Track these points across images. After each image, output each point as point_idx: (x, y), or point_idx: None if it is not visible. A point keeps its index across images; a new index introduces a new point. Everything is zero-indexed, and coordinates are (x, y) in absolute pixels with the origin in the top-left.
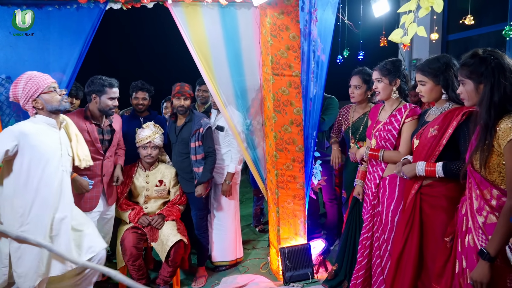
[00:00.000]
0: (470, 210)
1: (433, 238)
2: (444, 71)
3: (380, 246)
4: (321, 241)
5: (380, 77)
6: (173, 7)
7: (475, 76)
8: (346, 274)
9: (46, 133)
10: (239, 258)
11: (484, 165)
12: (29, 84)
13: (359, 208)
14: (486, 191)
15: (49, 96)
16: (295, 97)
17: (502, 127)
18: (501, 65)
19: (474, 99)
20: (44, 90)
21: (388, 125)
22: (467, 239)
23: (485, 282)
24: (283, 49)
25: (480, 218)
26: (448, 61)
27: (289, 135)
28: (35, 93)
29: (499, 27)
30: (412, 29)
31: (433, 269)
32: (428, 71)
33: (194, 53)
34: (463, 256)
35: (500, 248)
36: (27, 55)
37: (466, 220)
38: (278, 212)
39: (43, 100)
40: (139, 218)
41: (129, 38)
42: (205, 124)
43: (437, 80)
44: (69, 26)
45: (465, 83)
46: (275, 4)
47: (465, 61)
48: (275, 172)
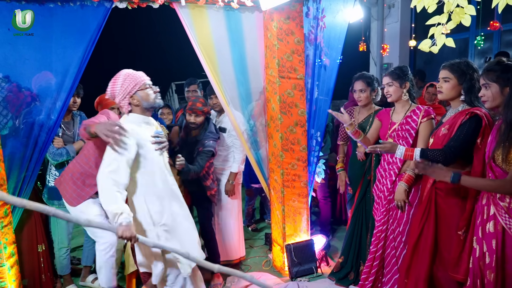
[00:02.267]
0: (492, 199)
1: (447, 230)
2: (471, 74)
3: (395, 238)
4: (322, 236)
5: (391, 81)
6: (180, 8)
7: (501, 80)
8: (352, 266)
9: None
10: (242, 257)
11: (506, 159)
12: (127, 81)
13: (365, 204)
14: None
15: (144, 93)
16: (299, 99)
17: None
18: None
19: (498, 100)
20: (140, 87)
21: (405, 125)
22: (488, 226)
23: None
24: (289, 53)
25: (504, 203)
26: (474, 66)
27: (294, 136)
28: (133, 90)
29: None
30: (441, 39)
31: (448, 260)
32: (456, 70)
33: (200, 54)
34: (484, 241)
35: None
36: (28, 54)
37: (488, 209)
38: (284, 210)
39: (140, 97)
40: None
41: (130, 38)
42: (207, 145)
43: (462, 79)
44: (73, 25)
45: (490, 86)
46: (281, 9)
47: (491, 67)
48: (280, 171)
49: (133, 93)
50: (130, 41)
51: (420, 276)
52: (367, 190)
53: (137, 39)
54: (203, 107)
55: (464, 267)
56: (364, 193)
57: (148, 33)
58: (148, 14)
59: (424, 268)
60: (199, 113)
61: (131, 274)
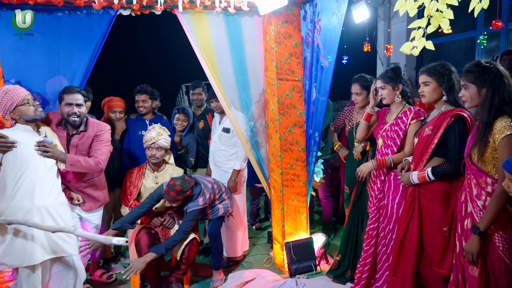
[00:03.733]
0: (469, 196)
1: (431, 228)
2: (448, 74)
3: (386, 235)
4: (321, 235)
5: (383, 84)
6: (181, 14)
7: (478, 81)
8: (349, 264)
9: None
10: (245, 251)
11: (481, 158)
12: (5, 98)
13: (361, 203)
14: (482, 180)
15: (24, 108)
16: (297, 100)
17: (497, 126)
18: (500, 73)
19: (476, 101)
20: (19, 103)
21: (394, 126)
22: (466, 223)
23: (475, 252)
24: (287, 56)
25: (480, 202)
26: (450, 67)
27: (292, 136)
28: (11, 106)
29: (469, 35)
30: (421, 43)
31: (432, 256)
32: (434, 73)
33: (201, 58)
34: (462, 237)
35: (489, 225)
36: (38, 60)
37: (465, 206)
38: (283, 208)
39: (19, 112)
40: (150, 218)
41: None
42: (188, 208)
43: (441, 81)
44: (79, 32)
45: (468, 87)
46: (279, 14)
47: (470, 69)
48: (279, 171)
49: (12, 108)
50: (139, 45)
51: (407, 273)
52: (363, 189)
53: (145, 43)
54: (177, 195)
55: (448, 262)
56: (360, 193)
57: (155, 37)
58: (154, 20)
59: (410, 265)
60: (172, 202)
61: None
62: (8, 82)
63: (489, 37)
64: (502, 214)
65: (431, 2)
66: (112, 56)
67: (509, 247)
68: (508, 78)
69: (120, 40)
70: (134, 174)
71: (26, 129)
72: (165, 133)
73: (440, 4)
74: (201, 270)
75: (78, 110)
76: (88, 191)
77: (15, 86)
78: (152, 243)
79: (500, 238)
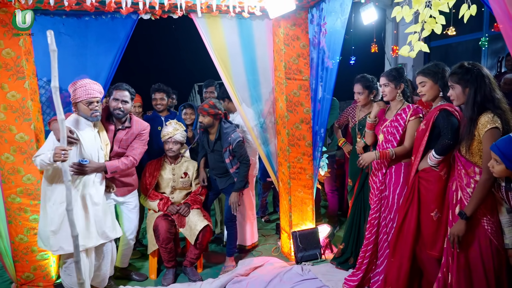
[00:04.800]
0: (460, 185)
1: (427, 213)
2: (441, 72)
3: (387, 224)
4: (327, 226)
5: (387, 82)
6: (196, 18)
7: (462, 82)
8: (352, 252)
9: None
10: (254, 243)
11: (468, 150)
12: (77, 90)
13: (364, 195)
14: (470, 170)
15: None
16: (304, 98)
17: (482, 121)
18: (481, 74)
19: (461, 99)
20: (83, 101)
21: (394, 122)
22: (456, 210)
23: (460, 235)
24: (295, 56)
25: (469, 189)
26: (444, 66)
27: (299, 132)
28: (77, 99)
29: (475, 36)
30: (417, 46)
31: (427, 239)
32: (428, 72)
33: (215, 59)
34: (453, 223)
35: (474, 210)
36: (68, 60)
37: (456, 194)
38: (290, 200)
39: (79, 107)
40: (167, 207)
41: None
42: (233, 140)
43: (435, 79)
44: (105, 35)
45: (454, 87)
46: (288, 17)
47: (454, 71)
48: (287, 164)
49: (77, 102)
50: (153, 47)
51: (404, 255)
52: (365, 182)
53: (159, 44)
54: (209, 108)
55: (440, 245)
56: (363, 185)
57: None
58: (168, 23)
59: (407, 248)
60: (204, 114)
61: (153, 252)
62: (41, 81)
63: (495, 39)
64: (489, 199)
65: (424, 9)
66: (127, 57)
67: (496, 229)
68: (489, 78)
69: (135, 42)
70: (153, 166)
71: (87, 123)
72: (181, 128)
73: (433, 11)
74: (213, 257)
75: (123, 106)
76: (121, 179)
77: (92, 85)
78: (169, 229)
79: (488, 221)
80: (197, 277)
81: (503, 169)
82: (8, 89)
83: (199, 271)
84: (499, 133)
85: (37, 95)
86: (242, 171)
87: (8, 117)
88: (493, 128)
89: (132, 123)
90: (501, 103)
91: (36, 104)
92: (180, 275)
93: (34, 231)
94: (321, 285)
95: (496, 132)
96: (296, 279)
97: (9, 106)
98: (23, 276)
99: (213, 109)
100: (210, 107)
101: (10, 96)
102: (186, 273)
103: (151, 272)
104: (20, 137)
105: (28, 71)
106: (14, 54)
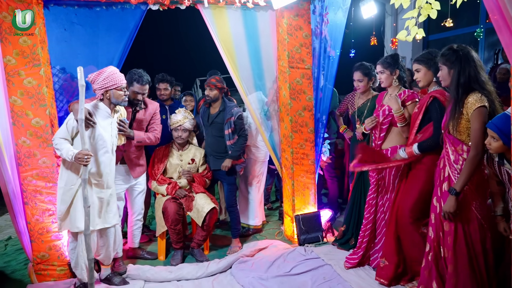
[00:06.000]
0: (448, 162)
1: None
2: (433, 59)
3: (384, 204)
4: (328, 210)
5: (382, 69)
6: (203, 9)
7: (448, 63)
8: (353, 233)
9: (102, 118)
10: (258, 226)
11: (456, 128)
12: (109, 78)
13: (363, 179)
14: (459, 148)
15: (118, 93)
16: (307, 86)
17: (470, 100)
18: (467, 56)
19: (447, 81)
20: (118, 87)
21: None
22: (444, 186)
23: (452, 211)
24: (298, 46)
25: (457, 166)
26: (437, 53)
27: (302, 119)
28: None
29: (473, 29)
30: (414, 30)
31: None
32: (421, 60)
33: (221, 48)
34: (442, 199)
35: (463, 186)
36: (80, 49)
37: (444, 171)
38: (293, 184)
39: (112, 94)
40: (175, 190)
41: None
42: (236, 113)
43: (429, 66)
44: (115, 25)
45: (442, 68)
46: (291, 8)
47: (443, 52)
48: (290, 150)
49: (110, 89)
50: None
51: (394, 229)
52: None
53: (163, 37)
54: (216, 82)
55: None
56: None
57: (172, 32)
58: (174, 17)
59: (401, 222)
60: (212, 87)
61: (161, 235)
62: (54, 69)
63: (492, 31)
64: (476, 176)
65: None
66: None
67: (481, 207)
68: (475, 60)
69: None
70: (161, 152)
71: (106, 110)
72: (190, 116)
73: None
74: (218, 240)
75: (142, 97)
76: (136, 161)
77: (119, 72)
78: (177, 210)
79: (476, 204)
80: (204, 258)
81: (501, 145)
82: (24, 76)
83: (206, 253)
84: (486, 112)
85: (51, 82)
86: (239, 143)
87: (25, 103)
88: (481, 107)
89: (147, 103)
90: (486, 84)
91: (50, 91)
92: (187, 257)
93: (49, 212)
94: (323, 263)
95: (484, 111)
96: (299, 259)
97: (26, 92)
98: (39, 256)
99: (220, 83)
100: (217, 81)
101: (26, 82)
102: (193, 254)
103: (159, 253)
104: (36, 122)
105: (43, 59)
106: (31, 42)
